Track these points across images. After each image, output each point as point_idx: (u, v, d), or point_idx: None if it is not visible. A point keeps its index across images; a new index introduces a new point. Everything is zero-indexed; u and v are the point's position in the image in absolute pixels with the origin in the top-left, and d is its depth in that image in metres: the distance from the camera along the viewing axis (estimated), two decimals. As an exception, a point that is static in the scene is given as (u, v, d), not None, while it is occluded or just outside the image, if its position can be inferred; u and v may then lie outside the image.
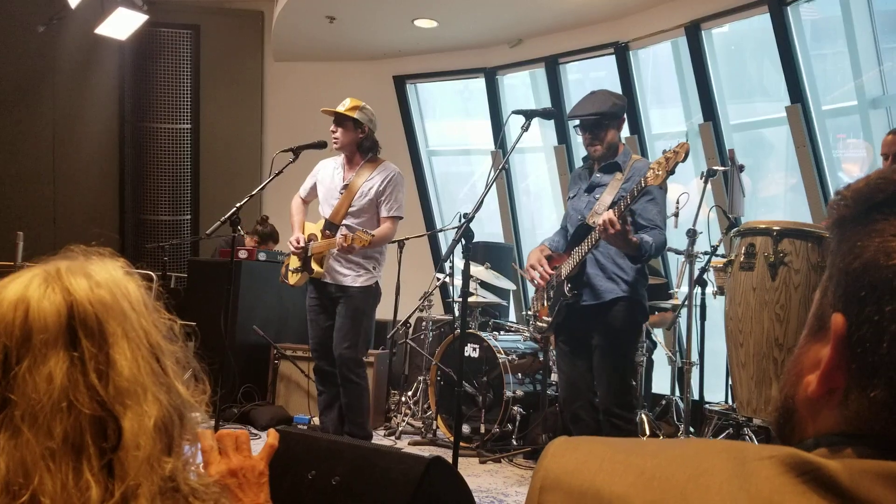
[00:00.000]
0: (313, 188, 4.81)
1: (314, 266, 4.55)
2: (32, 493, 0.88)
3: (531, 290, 4.10)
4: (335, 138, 4.58)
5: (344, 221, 4.55)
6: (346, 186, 4.60)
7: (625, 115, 3.88)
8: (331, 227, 4.59)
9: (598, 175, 3.86)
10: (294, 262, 4.68)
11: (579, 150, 7.06)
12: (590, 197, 3.83)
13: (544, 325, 3.93)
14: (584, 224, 3.71)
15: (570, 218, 3.96)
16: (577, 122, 3.86)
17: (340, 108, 4.56)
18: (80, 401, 0.91)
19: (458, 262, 5.02)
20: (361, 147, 4.60)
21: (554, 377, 5.32)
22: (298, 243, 4.61)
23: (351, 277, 4.52)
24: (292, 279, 4.68)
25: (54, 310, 0.94)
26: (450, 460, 3.07)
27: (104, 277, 0.99)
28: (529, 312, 4.69)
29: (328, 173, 4.74)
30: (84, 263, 1.01)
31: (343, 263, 4.53)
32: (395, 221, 4.56)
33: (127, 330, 0.97)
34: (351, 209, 4.54)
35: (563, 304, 3.75)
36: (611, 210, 3.45)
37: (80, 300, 0.95)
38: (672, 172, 3.34)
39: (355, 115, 4.54)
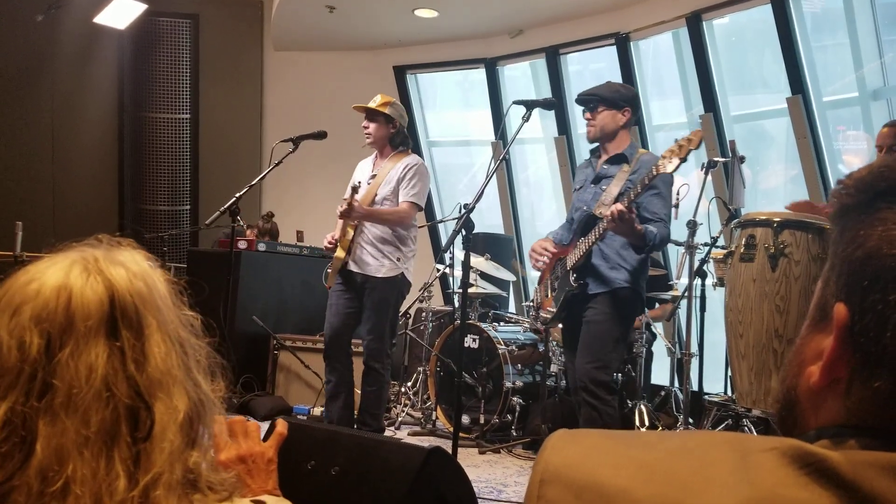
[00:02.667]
0: (352, 188, 4.76)
1: (338, 252, 4.54)
2: (66, 480, 0.88)
3: (532, 281, 4.07)
4: (367, 133, 4.60)
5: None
6: (373, 176, 4.61)
7: (629, 108, 3.82)
8: None
9: (605, 166, 3.84)
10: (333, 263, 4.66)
11: (580, 140, 7.05)
12: (596, 188, 3.81)
13: (548, 315, 3.90)
14: (591, 215, 3.70)
15: (576, 208, 3.94)
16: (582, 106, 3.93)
17: (372, 104, 4.58)
18: (119, 390, 0.92)
19: (458, 253, 5.01)
20: (392, 142, 4.63)
21: (553, 368, 5.32)
22: (332, 239, 4.59)
23: (374, 267, 4.50)
24: (329, 280, 4.65)
25: (97, 298, 0.94)
26: (449, 451, 3.06)
27: (138, 269, 1.00)
28: (530, 304, 4.65)
29: (362, 171, 4.75)
30: (115, 254, 1.01)
31: (368, 251, 4.51)
32: (412, 207, 4.53)
33: (161, 322, 0.98)
34: (376, 197, 4.54)
35: (569, 295, 3.74)
36: (619, 202, 3.45)
37: (121, 290, 0.96)
38: (685, 160, 3.37)
39: (386, 110, 4.56)
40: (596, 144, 3.93)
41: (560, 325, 4.10)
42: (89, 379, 0.91)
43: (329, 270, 4.65)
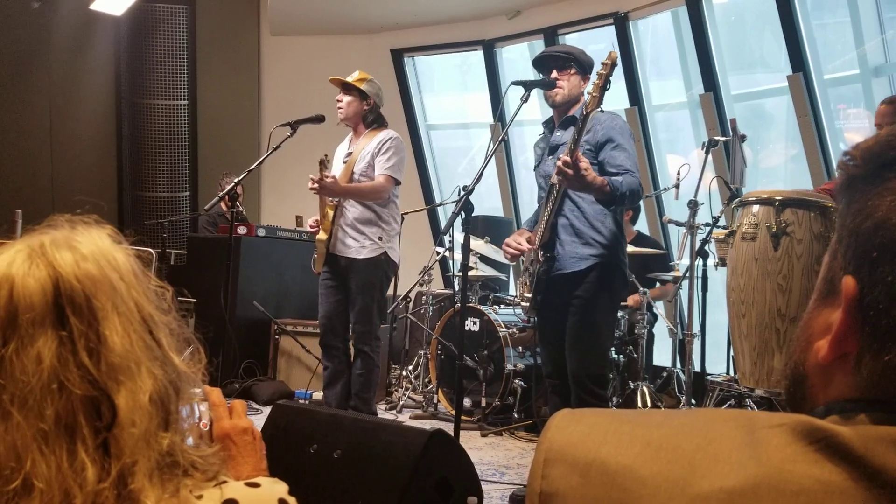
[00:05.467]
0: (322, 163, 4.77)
1: (320, 234, 4.54)
2: (25, 476, 0.86)
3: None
4: (340, 107, 4.56)
5: None
6: (349, 154, 4.59)
7: (589, 76, 3.58)
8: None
9: (557, 134, 3.62)
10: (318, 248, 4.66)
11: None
12: (553, 158, 3.54)
13: (527, 304, 3.66)
14: (551, 186, 3.48)
15: (539, 185, 3.75)
16: (541, 68, 3.64)
17: (349, 79, 4.54)
18: (70, 381, 0.89)
19: (458, 236, 5.00)
20: (365, 119, 4.59)
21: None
22: (315, 223, 4.59)
23: (355, 249, 4.49)
24: (316, 265, 4.64)
25: (39, 287, 0.91)
26: (451, 433, 3.07)
27: (90, 249, 0.96)
28: (516, 300, 4.56)
29: (339, 151, 4.74)
30: (69, 235, 0.97)
31: (348, 233, 4.50)
32: (389, 180, 4.48)
33: (117, 304, 0.94)
34: (354, 175, 4.52)
35: (542, 274, 3.51)
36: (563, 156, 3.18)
37: (65, 276, 0.92)
38: (606, 88, 3.16)
39: (363, 86, 4.52)
40: (549, 118, 3.75)
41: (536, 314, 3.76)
42: (37, 372, 0.88)
43: (315, 256, 4.64)
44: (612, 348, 5.17)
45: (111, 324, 0.92)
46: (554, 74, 3.55)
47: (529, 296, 3.61)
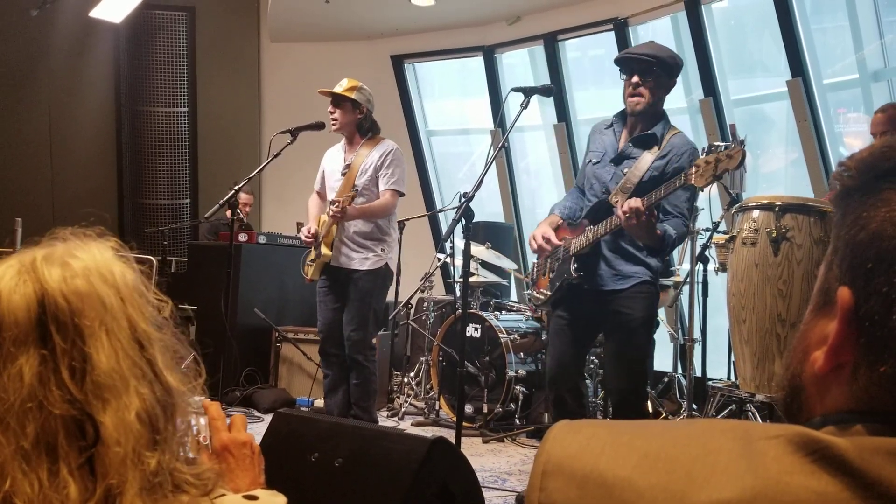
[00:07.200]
0: (322, 178, 4.78)
1: (323, 250, 4.54)
2: (6, 495, 0.85)
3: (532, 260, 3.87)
4: (333, 119, 4.56)
5: None
6: (347, 166, 4.58)
7: (675, 80, 3.42)
8: None
9: (629, 146, 3.43)
10: (311, 255, 4.66)
11: (580, 127, 7.02)
12: (617, 169, 3.42)
13: (541, 297, 3.58)
14: (605, 202, 3.37)
15: (591, 185, 3.54)
16: (623, 67, 3.43)
17: (338, 89, 4.53)
18: (49, 401, 0.88)
19: (459, 243, 5.00)
20: (360, 127, 4.59)
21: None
22: (310, 233, 4.58)
23: (357, 261, 4.50)
24: (308, 272, 4.65)
25: (24, 304, 0.90)
26: (453, 440, 3.06)
27: (84, 265, 0.94)
28: (526, 279, 4.51)
29: (332, 159, 4.73)
30: (67, 249, 0.95)
31: (350, 246, 4.51)
32: (395, 195, 4.52)
33: (106, 321, 0.92)
34: (355, 188, 4.52)
35: (566, 283, 3.44)
36: (638, 199, 3.08)
37: (51, 292, 0.90)
38: (719, 178, 3.00)
39: (353, 95, 4.51)
40: (622, 111, 3.55)
41: (552, 310, 3.64)
42: (17, 390, 0.87)
43: (309, 263, 4.63)
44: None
45: (98, 342, 0.91)
46: (636, 79, 3.36)
47: (546, 292, 3.54)
